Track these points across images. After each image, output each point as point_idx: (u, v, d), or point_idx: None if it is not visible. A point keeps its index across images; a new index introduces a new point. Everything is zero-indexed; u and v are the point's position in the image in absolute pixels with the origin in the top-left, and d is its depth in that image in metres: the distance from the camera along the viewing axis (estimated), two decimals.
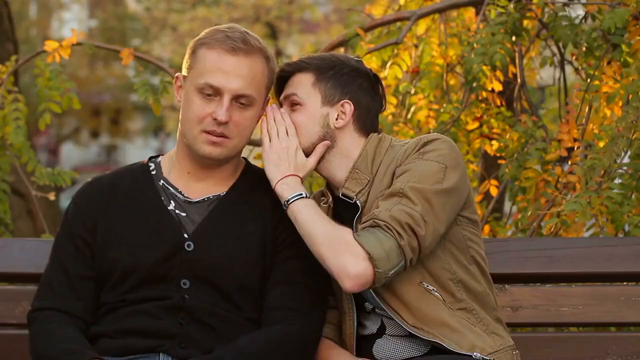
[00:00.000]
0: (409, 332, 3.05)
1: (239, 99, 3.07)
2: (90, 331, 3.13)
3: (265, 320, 3.07)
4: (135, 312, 3.06)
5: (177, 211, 3.13)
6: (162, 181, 3.16)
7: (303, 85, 3.16)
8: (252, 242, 3.10)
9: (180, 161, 3.16)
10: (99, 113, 23.61)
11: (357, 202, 3.10)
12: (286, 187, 3.06)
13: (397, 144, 3.16)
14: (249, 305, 3.09)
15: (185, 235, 3.09)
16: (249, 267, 3.09)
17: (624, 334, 3.52)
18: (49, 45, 4.52)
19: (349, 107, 3.15)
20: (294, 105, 3.17)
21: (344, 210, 3.15)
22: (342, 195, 3.12)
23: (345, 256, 2.93)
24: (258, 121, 3.19)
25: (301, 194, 3.04)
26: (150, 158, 3.26)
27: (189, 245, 3.08)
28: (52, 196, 4.71)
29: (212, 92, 3.06)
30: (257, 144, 4.46)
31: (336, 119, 3.14)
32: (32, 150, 4.64)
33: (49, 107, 4.48)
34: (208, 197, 3.15)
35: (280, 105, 3.21)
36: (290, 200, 3.04)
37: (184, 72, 3.13)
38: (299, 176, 3.09)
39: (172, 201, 3.14)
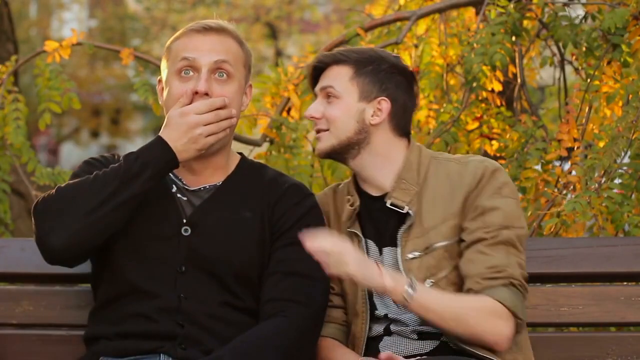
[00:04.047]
0: (418, 333, 3.07)
1: (216, 71, 3.07)
2: (88, 333, 3.14)
3: (262, 312, 3.06)
4: (133, 314, 3.06)
5: (178, 195, 3.13)
6: None
7: (340, 79, 3.14)
8: (250, 230, 3.10)
9: None
10: (99, 113, 23.60)
11: (410, 212, 3.09)
12: (392, 280, 2.93)
13: (440, 157, 3.17)
14: (248, 295, 3.08)
15: (184, 220, 3.09)
16: (247, 255, 3.08)
17: (624, 334, 3.51)
18: (49, 45, 4.52)
19: (385, 105, 3.13)
20: (329, 97, 3.14)
21: (376, 212, 3.14)
22: (391, 204, 3.10)
23: (498, 322, 2.98)
24: (243, 103, 3.16)
25: (409, 281, 2.95)
26: None
27: (185, 230, 3.08)
28: None
29: (190, 69, 3.07)
30: (257, 144, 4.47)
31: (372, 115, 3.13)
32: (32, 150, 4.64)
33: (49, 107, 4.48)
34: (205, 187, 3.15)
35: (315, 95, 3.20)
36: (413, 292, 2.94)
37: (163, 73, 3.14)
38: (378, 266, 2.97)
39: (174, 185, 3.15)
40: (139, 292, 3.06)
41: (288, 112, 4.50)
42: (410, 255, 3.08)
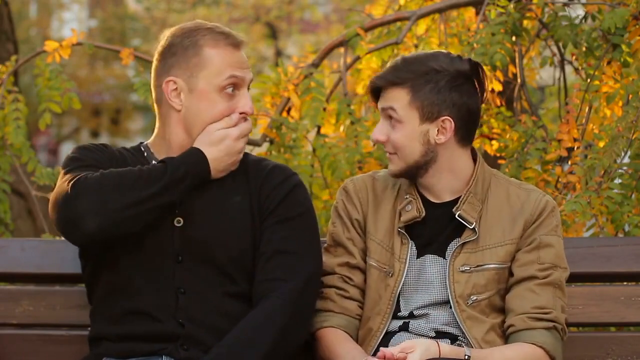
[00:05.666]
0: (436, 332, 3.09)
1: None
2: (91, 333, 3.14)
3: (254, 293, 3.07)
4: (133, 311, 3.06)
5: None
6: (154, 162, 3.14)
7: (399, 102, 3.09)
8: (241, 212, 3.11)
9: (171, 154, 3.12)
10: (99, 113, 23.59)
11: (476, 229, 3.10)
12: (448, 349, 2.97)
13: (498, 176, 3.19)
14: (244, 279, 3.09)
15: (176, 211, 3.09)
16: (241, 238, 3.09)
17: (624, 334, 3.52)
18: (49, 45, 4.52)
19: (449, 124, 3.09)
20: (392, 119, 3.12)
21: (432, 219, 3.14)
22: (459, 216, 3.11)
23: None
24: None
25: (465, 354, 2.98)
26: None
27: (178, 222, 3.08)
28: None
29: (233, 87, 3.07)
30: (257, 144, 4.48)
31: (437, 135, 3.10)
32: (32, 150, 4.64)
33: (49, 107, 4.48)
34: None
35: (377, 108, 3.18)
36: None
37: (182, 75, 3.08)
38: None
39: None
40: (136, 286, 3.07)
41: (288, 112, 4.50)
42: (461, 269, 3.10)
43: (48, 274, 3.47)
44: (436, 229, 3.14)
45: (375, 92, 3.16)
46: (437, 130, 3.10)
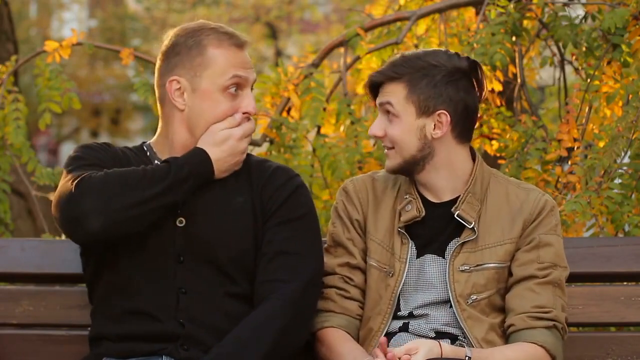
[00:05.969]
0: (436, 332, 3.09)
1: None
2: (92, 332, 3.14)
3: (255, 294, 3.07)
4: (134, 311, 3.06)
5: None
6: (156, 161, 3.15)
7: (396, 97, 3.11)
8: (244, 213, 3.11)
9: (174, 154, 3.13)
10: (99, 113, 23.59)
11: (475, 228, 3.10)
12: (450, 349, 2.98)
13: (498, 175, 3.19)
14: (245, 279, 3.09)
15: (178, 211, 3.09)
16: (243, 238, 3.09)
17: (624, 334, 3.52)
18: (49, 45, 4.52)
19: (445, 118, 3.10)
20: (389, 113, 3.13)
21: (431, 219, 3.14)
22: (458, 216, 3.11)
23: None
24: None
25: (466, 355, 2.98)
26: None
27: (180, 222, 3.08)
28: (52, 196, 4.71)
29: (236, 87, 3.07)
30: (257, 144, 4.48)
31: (434, 129, 3.11)
32: (32, 150, 4.64)
33: (49, 107, 4.48)
34: None
35: (376, 106, 3.19)
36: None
37: (186, 74, 3.08)
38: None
39: None
40: (137, 286, 3.07)
41: (288, 112, 4.51)
42: (461, 268, 3.10)
43: (48, 274, 3.47)
44: (436, 229, 3.14)
45: (374, 88, 3.18)
46: (434, 125, 3.11)
